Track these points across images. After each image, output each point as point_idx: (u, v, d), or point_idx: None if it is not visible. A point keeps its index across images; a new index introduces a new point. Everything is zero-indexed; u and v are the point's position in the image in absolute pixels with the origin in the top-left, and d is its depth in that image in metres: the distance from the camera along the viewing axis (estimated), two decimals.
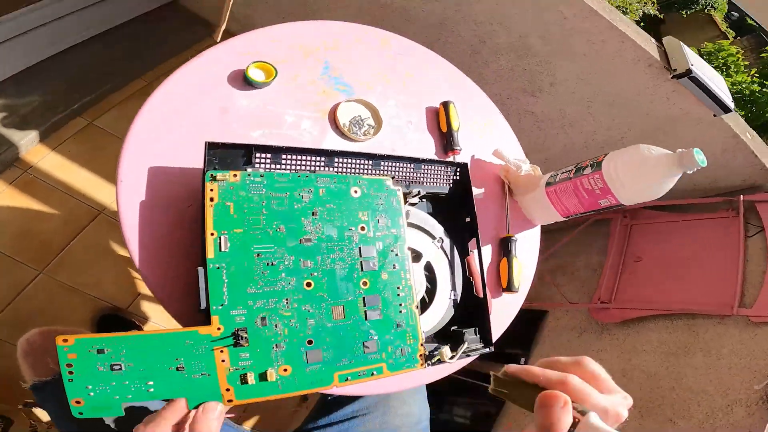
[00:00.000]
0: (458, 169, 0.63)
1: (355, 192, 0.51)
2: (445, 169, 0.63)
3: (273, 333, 0.42)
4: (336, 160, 0.55)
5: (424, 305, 0.59)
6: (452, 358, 0.52)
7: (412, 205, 0.62)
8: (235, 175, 0.45)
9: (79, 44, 1.32)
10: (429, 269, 0.61)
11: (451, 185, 0.64)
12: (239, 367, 0.40)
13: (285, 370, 0.42)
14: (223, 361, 0.39)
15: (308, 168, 0.54)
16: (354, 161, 0.56)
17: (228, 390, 0.39)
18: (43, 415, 1.08)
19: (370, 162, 0.57)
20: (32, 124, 1.18)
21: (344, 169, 0.55)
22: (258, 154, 0.50)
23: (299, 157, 0.53)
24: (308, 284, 0.45)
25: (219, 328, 0.40)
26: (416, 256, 0.60)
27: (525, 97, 1.17)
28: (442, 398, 1.55)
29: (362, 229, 0.50)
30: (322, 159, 0.54)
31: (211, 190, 0.43)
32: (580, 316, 1.40)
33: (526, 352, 1.44)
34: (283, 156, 0.52)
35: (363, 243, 0.49)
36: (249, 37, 0.63)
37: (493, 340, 0.59)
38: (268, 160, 0.52)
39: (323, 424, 0.73)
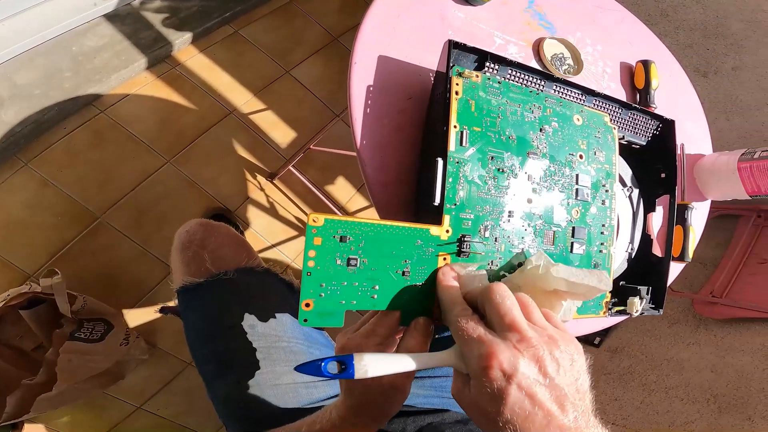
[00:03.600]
0: (661, 125, 0.59)
1: (578, 120, 0.48)
2: (648, 120, 0.59)
3: (491, 248, 0.40)
4: (554, 86, 0.52)
5: None
6: (637, 311, 0.50)
7: None
8: (477, 76, 0.43)
9: None
10: None
11: (649, 139, 0.60)
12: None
13: None
14: None
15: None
16: (569, 91, 0.53)
17: (439, 308, 0.37)
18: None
19: (584, 96, 0.54)
20: (188, 26, 1.23)
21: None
22: (489, 63, 0.48)
23: (522, 75, 0.50)
24: (529, 200, 0.43)
25: (447, 231, 0.38)
26: None
27: (694, 76, 1.08)
28: None
29: (581, 157, 0.47)
30: (542, 83, 0.52)
31: (457, 84, 0.41)
32: (675, 306, 1.33)
33: (602, 333, 1.39)
34: (509, 71, 0.50)
35: (580, 171, 0.46)
36: None
37: None
38: (496, 72, 0.49)
39: None
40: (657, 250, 0.61)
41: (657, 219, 0.67)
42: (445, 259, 0.38)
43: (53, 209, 1.09)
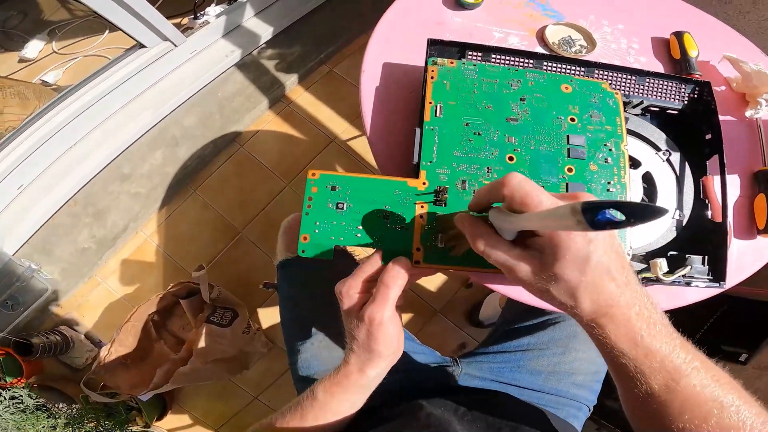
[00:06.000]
0: (696, 87, 0.56)
1: (566, 88, 0.50)
2: (677, 85, 0.56)
3: (470, 198, 0.44)
4: (545, 63, 0.55)
5: None
6: (667, 274, 0.47)
7: (635, 115, 0.57)
8: (451, 62, 0.51)
9: (319, 7, 1.61)
10: (649, 182, 0.56)
11: (686, 102, 0.57)
12: (434, 226, 0.43)
13: None
14: (421, 217, 0.43)
15: None
16: (564, 66, 0.55)
17: (418, 250, 0.42)
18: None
19: (584, 69, 0.55)
20: (294, 69, 1.53)
21: None
22: (470, 52, 0.55)
23: (509, 59, 0.55)
24: (510, 158, 0.47)
25: (424, 183, 0.45)
26: (633, 163, 0.55)
27: None
28: None
29: (572, 120, 0.49)
30: (531, 62, 0.55)
31: (432, 70, 0.50)
32: None
33: (752, 348, 1.11)
34: (493, 56, 0.55)
35: (571, 132, 0.48)
36: None
37: (731, 283, 0.51)
38: (479, 59, 0.55)
39: (495, 350, 0.72)
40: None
41: (734, 188, 0.60)
42: (422, 206, 0.44)
43: (210, 226, 1.43)
